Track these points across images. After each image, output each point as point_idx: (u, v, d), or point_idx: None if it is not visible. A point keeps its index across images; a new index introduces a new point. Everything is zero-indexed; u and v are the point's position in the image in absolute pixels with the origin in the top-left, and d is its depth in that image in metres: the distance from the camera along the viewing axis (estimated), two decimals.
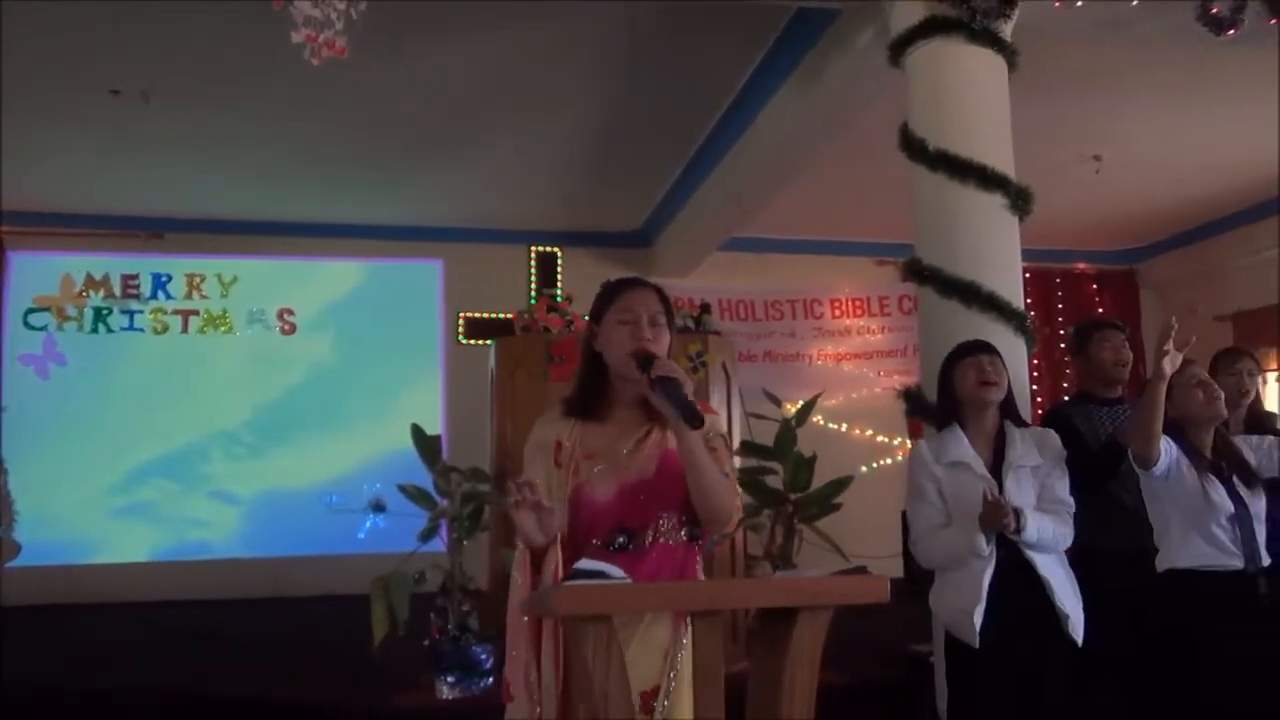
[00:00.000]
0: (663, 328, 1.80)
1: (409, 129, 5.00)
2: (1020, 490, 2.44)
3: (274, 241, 6.33)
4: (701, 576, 1.84)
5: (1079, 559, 2.98)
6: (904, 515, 3.32)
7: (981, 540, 2.38)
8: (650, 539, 1.74)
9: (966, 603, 2.38)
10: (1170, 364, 2.39)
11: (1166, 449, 2.47)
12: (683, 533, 1.77)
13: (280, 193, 5.89)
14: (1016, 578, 2.40)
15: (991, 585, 2.39)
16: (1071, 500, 2.50)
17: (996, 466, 2.48)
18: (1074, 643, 2.38)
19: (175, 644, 4.55)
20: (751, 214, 5.84)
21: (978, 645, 2.36)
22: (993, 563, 2.41)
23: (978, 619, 2.37)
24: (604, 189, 5.95)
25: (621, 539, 1.73)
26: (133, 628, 4.96)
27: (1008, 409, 2.56)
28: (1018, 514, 2.38)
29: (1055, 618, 2.39)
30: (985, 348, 2.58)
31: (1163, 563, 2.52)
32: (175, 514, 6.17)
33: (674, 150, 5.39)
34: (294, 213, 6.20)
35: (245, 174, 5.59)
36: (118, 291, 6.28)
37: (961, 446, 2.50)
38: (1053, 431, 2.58)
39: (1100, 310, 7.21)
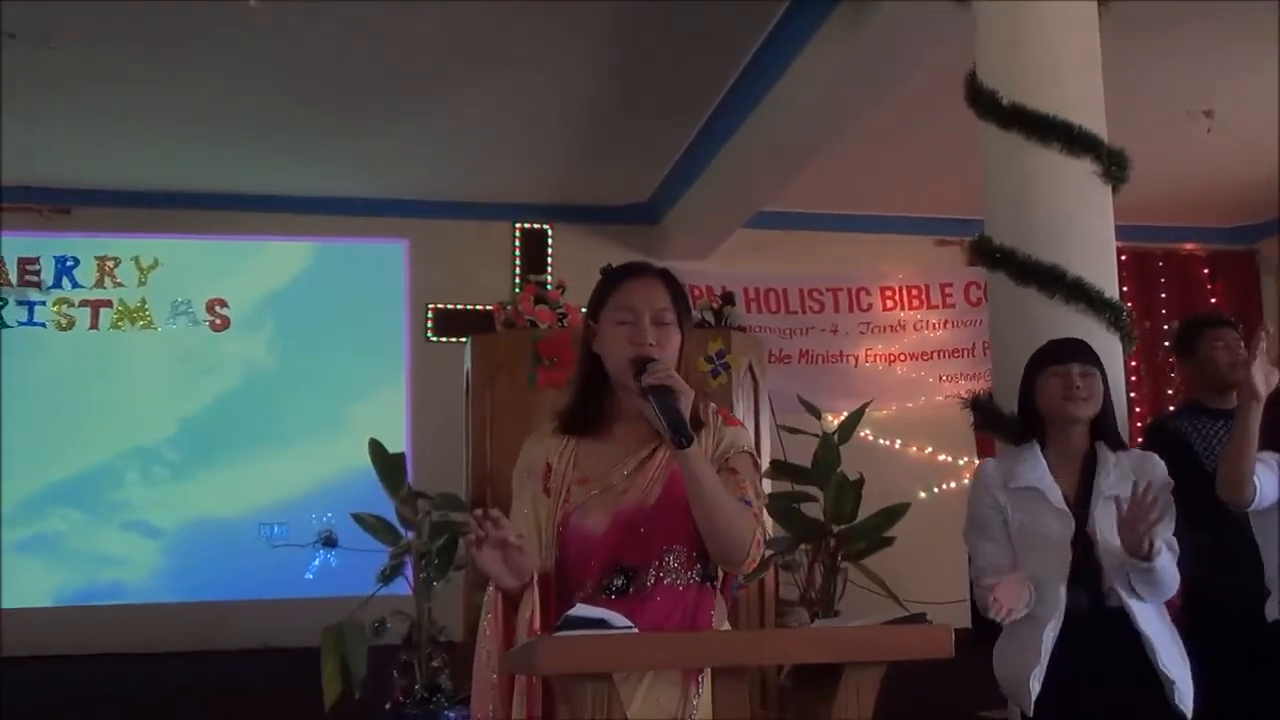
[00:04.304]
0: (670, 326, 1.80)
1: (368, 83, 5.01)
2: (1110, 526, 2.42)
3: (203, 218, 6.35)
4: (725, 625, 1.84)
5: (1190, 602, 2.97)
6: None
7: (1062, 590, 2.36)
8: (653, 580, 1.74)
9: (1023, 664, 2.37)
10: (1264, 382, 2.40)
11: (1269, 470, 2.46)
12: (694, 572, 1.77)
13: (211, 159, 5.90)
14: (1105, 632, 2.37)
15: (1067, 641, 2.37)
16: (1176, 543, 2.47)
17: (1084, 495, 2.46)
18: (1182, 717, 2.36)
19: (84, 708, 4.57)
20: (782, 184, 5.83)
21: (1031, 715, 2.35)
22: (1059, 613, 2.38)
23: (1034, 685, 2.35)
24: (603, 154, 5.95)
25: (619, 580, 1.74)
26: (31, 688, 4.97)
27: (1101, 428, 2.54)
28: (1150, 541, 2.30)
29: (1157, 684, 2.36)
30: (1078, 354, 2.56)
31: (1275, 610, 2.53)
32: (83, 550, 6.18)
33: (688, 108, 5.39)
34: (228, 183, 6.21)
35: (169, 136, 5.60)
36: (13, 279, 6.30)
37: (1038, 470, 2.49)
38: (1156, 456, 2.56)
39: (1213, 299, 7.18)
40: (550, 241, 6.71)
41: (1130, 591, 2.38)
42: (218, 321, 6.44)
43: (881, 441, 6.28)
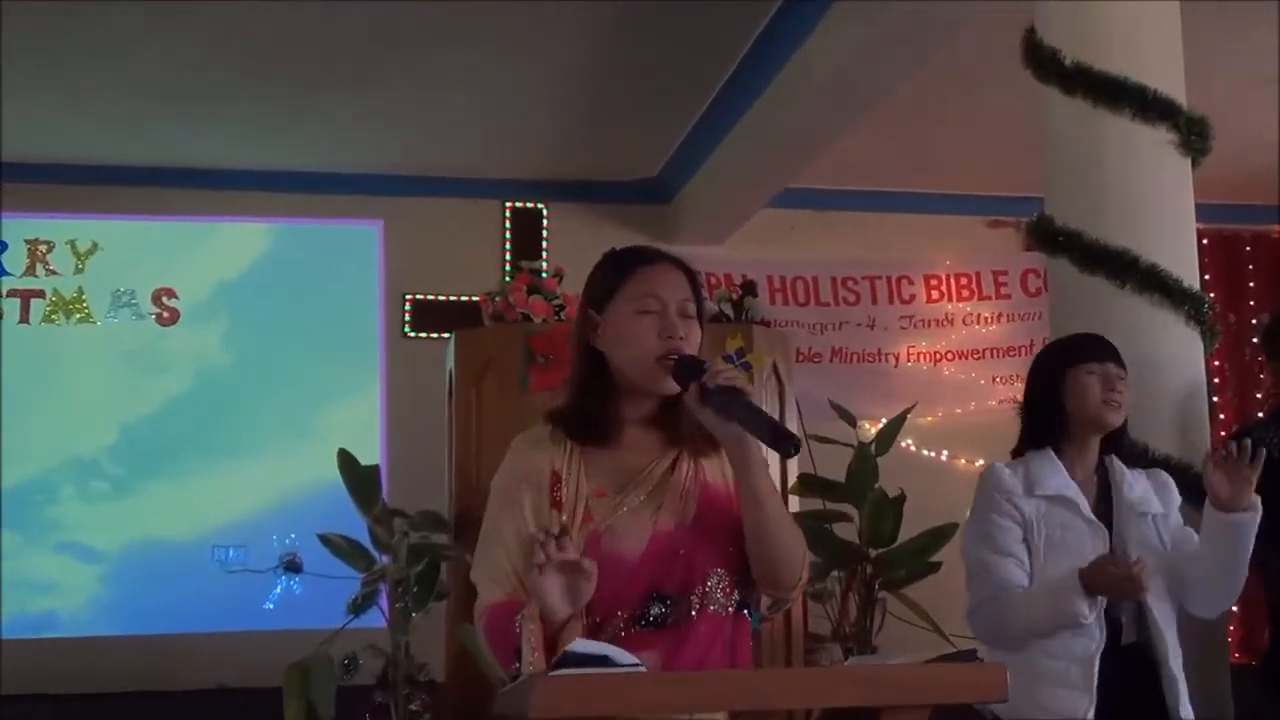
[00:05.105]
0: (693, 321, 1.83)
1: (337, 42, 5.02)
2: (1141, 546, 2.51)
3: (148, 196, 6.36)
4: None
5: (1275, 639, 2.97)
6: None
7: (1084, 605, 2.40)
8: (697, 608, 1.76)
9: (1067, 700, 2.40)
10: None
11: None
12: (733, 599, 1.81)
13: (158, 130, 5.92)
14: (1122, 670, 2.43)
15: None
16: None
17: (1102, 511, 2.54)
18: None
19: None
20: (811, 157, 5.82)
21: None
22: (1103, 636, 2.44)
23: None
24: (606, 123, 5.95)
25: (657, 609, 1.75)
26: None
27: (1115, 440, 2.63)
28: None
29: None
30: (1115, 354, 2.63)
31: None
32: (10, 575, 6.19)
33: (703, 71, 5.39)
34: (177, 157, 6.22)
35: (110, 104, 5.62)
36: None
37: (1061, 476, 2.56)
38: (1167, 475, 2.66)
39: None
40: (545, 223, 6.71)
41: (1162, 618, 2.47)
42: (165, 314, 6.45)
43: (925, 452, 6.28)
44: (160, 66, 5.24)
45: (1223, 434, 5.15)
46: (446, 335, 4.71)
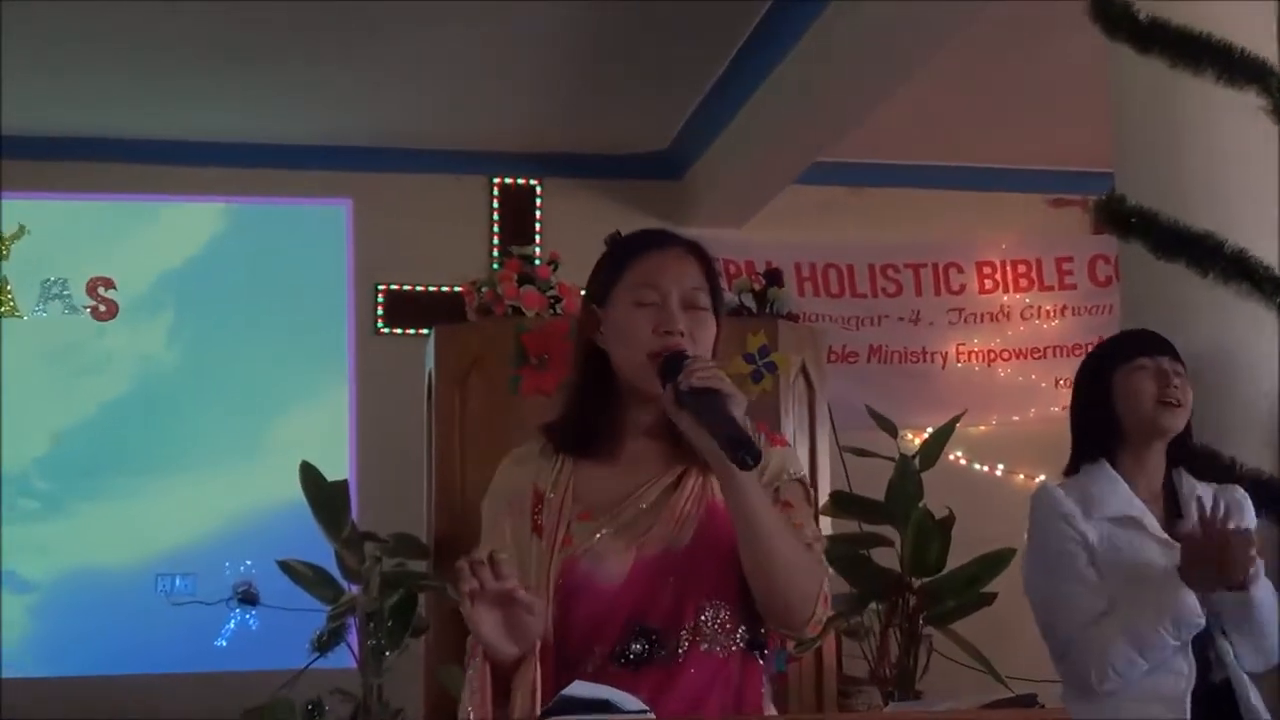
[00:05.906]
0: (705, 313, 1.84)
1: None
2: None
3: (82, 171, 6.38)
4: (770, 708, 1.86)
5: None
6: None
7: (1191, 598, 2.40)
8: (686, 645, 1.76)
9: None
10: None
11: None
12: (739, 636, 1.79)
13: (94, 96, 5.93)
14: (1211, 709, 2.45)
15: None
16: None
17: (1171, 533, 2.55)
18: None
19: None
20: (846, 126, 5.83)
21: None
22: (1193, 667, 2.46)
23: None
24: (610, 88, 5.96)
25: (639, 645, 1.74)
26: None
27: (1181, 448, 2.63)
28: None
29: None
30: (1170, 348, 2.63)
31: None
32: None
33: (722, 27, 5.39)
34: (116, 126, 6.24)
35: (40, 66, 5.63)
36: None
37: (1123, 493, 2.57)
38: (1241, 489, 2.66)
39: None
40: (539, 202, 6.73)
41: (1235, 657, 2.50)
42: (102, 307, 6.47)
43: (977, 466, 6.28)
44: (97, 25, 5.25)
45: None
46: (425, 331, 4.73)
